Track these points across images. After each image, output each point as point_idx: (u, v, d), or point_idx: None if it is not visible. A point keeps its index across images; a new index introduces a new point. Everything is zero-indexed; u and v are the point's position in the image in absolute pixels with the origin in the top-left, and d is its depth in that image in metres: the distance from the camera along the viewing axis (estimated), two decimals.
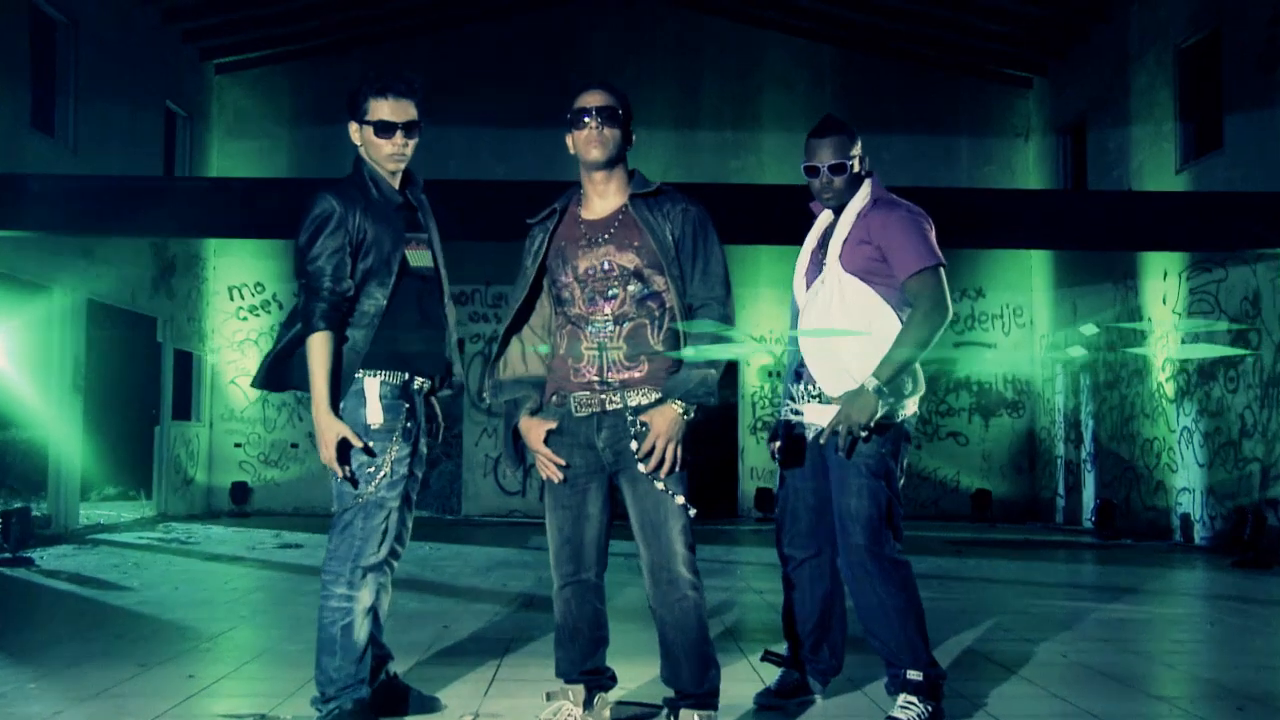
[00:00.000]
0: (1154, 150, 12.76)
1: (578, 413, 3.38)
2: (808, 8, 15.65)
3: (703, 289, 3.38)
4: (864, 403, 3.54)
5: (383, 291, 3.52)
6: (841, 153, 3.72)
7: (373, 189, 3.59)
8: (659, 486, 3.31)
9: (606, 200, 3.46)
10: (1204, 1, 11.76)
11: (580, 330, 3.39)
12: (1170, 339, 12.44)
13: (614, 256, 3.38)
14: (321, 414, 3.41)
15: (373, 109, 3.55)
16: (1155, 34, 12.75)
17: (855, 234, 3.70)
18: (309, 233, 3.48)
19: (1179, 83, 12.33)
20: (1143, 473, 13.07)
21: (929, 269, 3.62)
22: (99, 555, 9.41)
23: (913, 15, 14.90)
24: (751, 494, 15.84)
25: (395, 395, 3.51)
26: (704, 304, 3.37)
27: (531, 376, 3.52)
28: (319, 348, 3.42)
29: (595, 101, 3.38)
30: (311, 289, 3.46)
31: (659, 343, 3.37)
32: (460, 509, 16.03)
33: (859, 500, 3.63)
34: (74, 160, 11.73)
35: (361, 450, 3.45)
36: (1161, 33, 12.60)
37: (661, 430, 3.27)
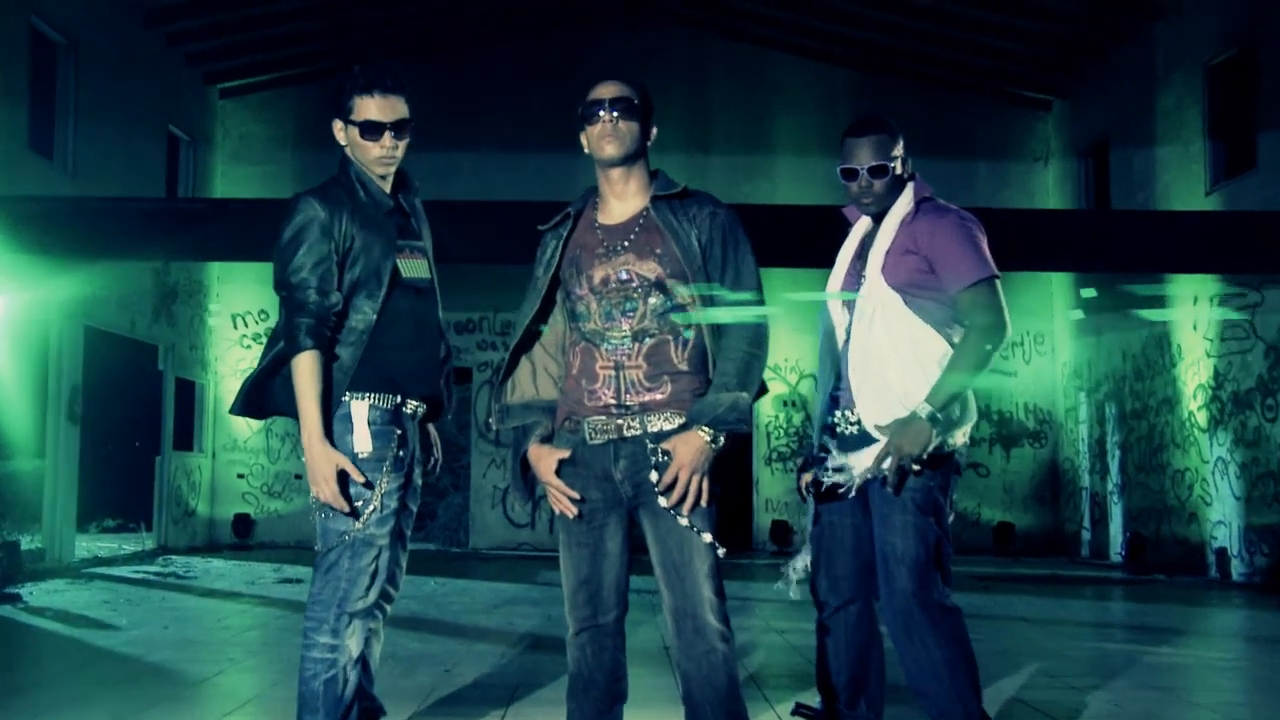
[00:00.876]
0: (1182, 171, 12.39)
1: (593, 440, 3.01)
2: (820, 29, 15.37)
3: None
4: (916, 432, 3.17)
5: (372, 305, 3.17)
6: (882, 153, 3.36)
7: (360, 191, 3.24)
8: (682, 523, 2.94)
9: (625, 203, 3.11)
10: (1235, 18, 11.43)
11: (595, 348, 3.03)
12: (1202, 366, 12.03)
13: (634, 265, 3.02)
14: (315, 444, 3.06)
15: (358, 107, 3.21)
16: (1182, 52, 12.41)
17: (899, 243, 3.34)
18: (290, 240, 3.14)
19: (1208, 101, 11.98)
20: (1174, 505, 12.63)
21: (984, 282, 3.26)
22: (91, 591, 9.03)
23: (928, 36, 14.61)
24: (766, 527, 15.42)
25: (386, 420, 3.15)
26: None
27: (542, 400, 3.16)
28: (307, 369, 3.06)
29: (609, 93, 3.04)
30: (294, 303, 3.10)
31: (683, 362, 3.00)
32: (468, 542, 15.64)
33: (905, 540, 3.25)
34: (72, 184, 11.45)
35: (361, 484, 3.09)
36: (1188, 51, 12.27)
37: (685, 460, 2.90)
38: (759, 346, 2.99)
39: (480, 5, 15.27)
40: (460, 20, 15.48)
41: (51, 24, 11.28)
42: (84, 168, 11.71)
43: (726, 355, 2.97)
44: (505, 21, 15.69)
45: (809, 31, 15.49)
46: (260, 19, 13.85)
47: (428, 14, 15.00)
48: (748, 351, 2.97)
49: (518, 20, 15.69)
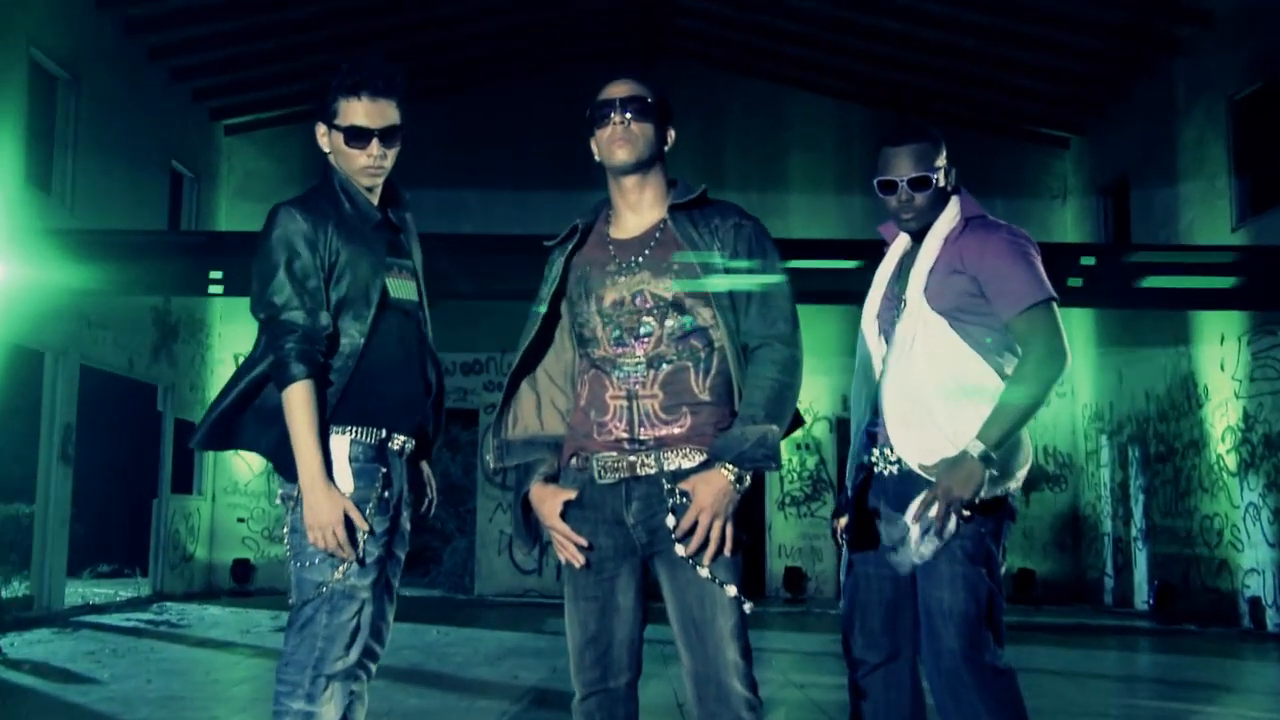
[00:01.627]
0: (1206, 207, 12.08)
1: (602, 479, 2.66)
2: (835, 66, 15.16)
3: (761, 324, 2.67)
4: (968, 473, 2.81)
5: (359, 328, 2.83)
6: (924, 163, 3.03)
7: (345, 202, 2.91)
8: (703, 574, 2.58)
9: (640, 214, 2.78)
10: (1258, 51, 11.16)
11: (606, 376, 2.69)
12: (1230, 408, 11.64)
13: (649, 284, 2.69)
14: (319, 486, 2.70)
15: (344, 111, 2.88)
16: (1204, 86, 12.14)
17: (944, 263, 3.00)
18: (270, 256, 2.81)
19: (1232, 136, 11.68)
20: (1202, 552, 12.19)
21: (1039, 305, 2.92)
22: (76, 640, 8.65)
23: (944, 73, 14.38)
24: (780, 573, 15.00)
25: (369, 457, 2.81)
26: (763, 343, 2.66)
27: (547, 435, 2.81)
28: (301, 401, 2.71)
29: (621, 91, 2.72)
30: (280, 326, 2.76)
31: (705, 391, 2.66)
32: (473, 588, 15.21)
33: (953, 593, 2.89)
34: (71, 218, 11.19)
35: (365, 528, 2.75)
36: (1211, 85, 11.99)
37: (706, 503, 2.56)
38: (791, 374, 2.65)
39: (492, 42, 15.11)
40: (471, 56, 15.31)
41: (53, 57, 11.07)
42: (82, 203, 11.46)
43: (754, 384, 2.63)
44: (517, 57, 15.52)
45: (824, 68, 15.29)
46: (267, 55, 13.66)
47: (438, 50, 14.82)
48: (778, 379, 2.62)
49: (530, 56, 15.53)
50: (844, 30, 14.09)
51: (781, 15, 14.21)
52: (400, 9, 13.45)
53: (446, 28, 14.36)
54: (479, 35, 14.84)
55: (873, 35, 13.96)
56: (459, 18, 14.18)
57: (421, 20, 13.86)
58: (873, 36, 13.99)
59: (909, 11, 13.08)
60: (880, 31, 13.80)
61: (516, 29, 14.96)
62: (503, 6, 14.20)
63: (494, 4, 14.02)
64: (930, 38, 13.60)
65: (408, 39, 14.17)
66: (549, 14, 14.65)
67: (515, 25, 14.83)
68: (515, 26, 14.87)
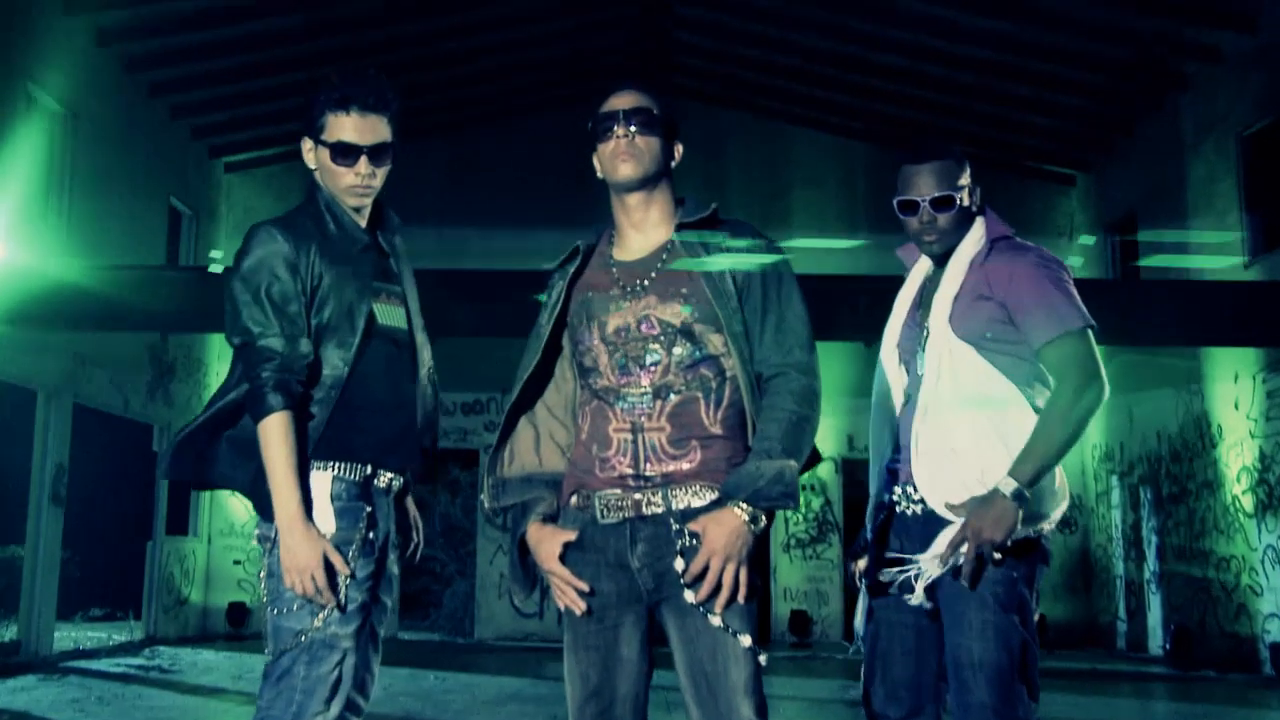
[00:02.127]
0: (1217, 245, 11.91)
1: (605, 519, 2.46)
2: (838, 103, 15.08)
3: (776, 352, 2.48)
4: (999, 514, 2.61)
5: (343, 356, 2.64)
6: (948, 181, 2.85)
7: (330, 222, 2.74)
8: (715, 622, 2.38)
9: (646, 234, 2.60)
10: (1268, 87, 11.04)
11: (609, 407, 2.50)
12: (1246, 448, 11.41)
13: (655, 310, 2.50)
14: (297, 527, 2.51)
15: (330, 126, 2.72)
16: (1212, 122, 12.01)
17: (970, 288, 2.81)
18: (247, 278, 2.62)
19: (1243, 172, 11.54)
20: (1219, 595, 11.91)
21: (1074, 333, 2.73)
22: (62, 687, 8.40)
23: (949, 110, 14.28)
24: (785, 617, 14.73)
25: (353, 495, 2.61)
26: (778, 372, 2.47)
27: (546, 472, 2.62)
28: (278, 434, 2.52)
29: (625, 103, 2.55)
30: (257, 353, 2.57)
31: (716, 424, 2.46)
32: (473, 632, 14.93)
33: (983, 643, 2.67)
34: (65, 255, 11.02)
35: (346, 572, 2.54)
36: (1220, 121, 11.87)
37: (718, 545, 2.36)
38: (810, 406, 2.45)
39: (493, 79, 15.05)
40: (472, 94, 15.25)
41: (50, 93, 10.97)
42: (79, 240, 11.31)
43: (769, 416, 2.43)
44: (518, 95, 15.45)
45: (827, 105, 15.20)
46: (267, 93, 13.57)
47: (438, 88, 14.75)
48: (795, 411, 2.43)
49: (531, 94, 15.46)
50: (848, 66, 14.01)
51: (784, 52, 14.14)
52: (401, 46, 13.39)
53: (447, 65, 14.30)
54: (479, 73, 14.78)
55: (877, 71, 13.88)
56: (460, 55, 14.12)
57: (422, 57, 13.80)
58: (877, 72, 13.91)
59: (913, 47, 13.00)
60: (884, 67, 13.72)
61: (517, 66, 14.90)
62: (503, 45, 14.14)
63: (494, 42, 13.97)
64: (935, 73, 13.51)
65: (408, 76, 14.09)
66: (550, 52, 14.59)
67: (516, 63, 14.77)
68: (516, 64, 14.82)
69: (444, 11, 12.94)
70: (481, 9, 12.94)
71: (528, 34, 13.99)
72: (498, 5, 12.93)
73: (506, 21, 13.42)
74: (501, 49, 14.22)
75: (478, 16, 13.10)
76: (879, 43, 13.16)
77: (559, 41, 14.37)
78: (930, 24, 12.41)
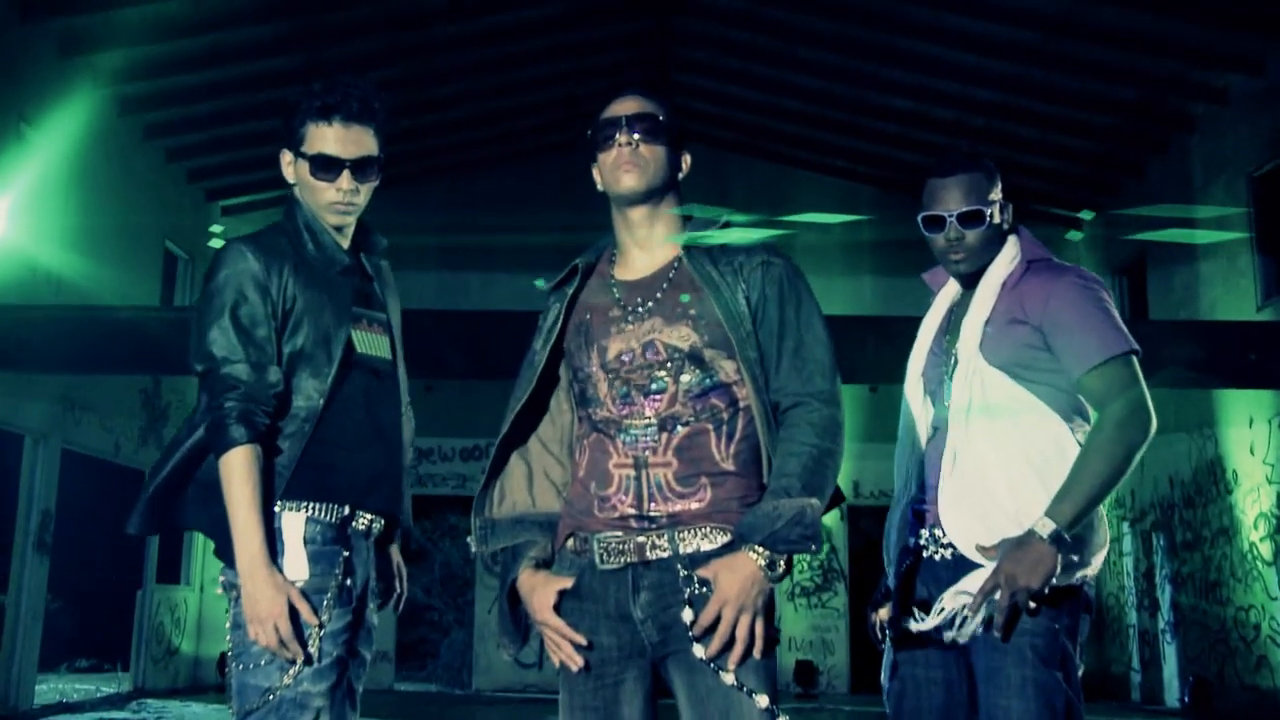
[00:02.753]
0: (1229, 286, 11.72)
1: (604, 564, 2.23)
2: (842, 146, 14.96)
3: (795, 380, 2.25)
4: (1036, 558, 2.37)
5: (318, 386, 2.41)
6: (977, 196, 2.64)
7: (308, 242, 2.53)
8: (727, 680, 2.13)
9: (650, 252, 2.38)
10: (1277, 127, 10.89)
11: (610, 440, 2.27)
12: (1262, 493, 11.14)
13: (661, 333, 2.28)
14: (260, 572, 2.29)
15: (311, 137, 2.51)
16: (1221, 163, 11.87)
17: (1002, 311, 2.59)
18: (215, 300, 2.41)
19: (1254, 213, 11.37)
20: (1238, 646, 11.58)
21: (1117, 359, 2.50)
22: None
23: None
24: (790, 668, 14.37)
25: (328, 539, 2.37)
26: (798, 401, 2.24)
27: (539, 513, 2.39)
28: (241, 470, 2.30)
29: (628, 109, 2.34)
30: (220, 381, 2.36)
31: (728, 459, 2.23)
32: (471, 683, 14.59)
33: (1024, 702, 2.42)
34: (56, 299, 10.83)
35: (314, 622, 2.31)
36: (1229, 162, 11.72)
37: (731, 593, 2.12)
38: (833, 439, 2.21)
39: (493, 123, 14.95)
40: (472, 138, 15.14)
41: (43, 134, 10.81)
42: (70, 284, 11.11)
43: (788, 450, 2.20)
44: (519, 139, 15.35)
45: (831, 148, 15.09)
46: (264, 136, 13.42)
47: (438, 131, 14.64)
48: (816, 445, 2.20)
49: (532, 137, 15.36)
50: (852, 109, 13.91)
51: (788, 94, 14.04)
52: (399, 88, 13.27)
53: (446, 108, 14.20)
54: (479, 117, 14.69)
55: (883, 114, 13.77)
56: (459, 98, 14.03)
57: (421, 101, 13.69)
58: (883, 115, 13.79)
59: (920, 89, 12.89)
60: (890, 110, 13.61)
61: (518, 111, 14.81)
62: (503, 88, 14.06)
63: (494, 85, 13.88)
64: (940, 116, 13.39)
65: (408, 119, 13.99)
66: (549, 94, 14.50)
67: (517, 107, 14.68)
68: (517, 108, 14.73)
69: (442, 54, 12.85)
70: (480, 51, 12.85)
71: (527, 76, 13.90)
72: (496, 48, 12.84)
73: (505, 64, 13.34)
74: (502, 92, 14.13)
75: (476, 58, 13.01)
76: (885, 85, 13.06)
77: (558, 85, 14.29)
78: (937, 66, 12.31)
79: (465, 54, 12.89)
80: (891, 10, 11.70)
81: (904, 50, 12.27)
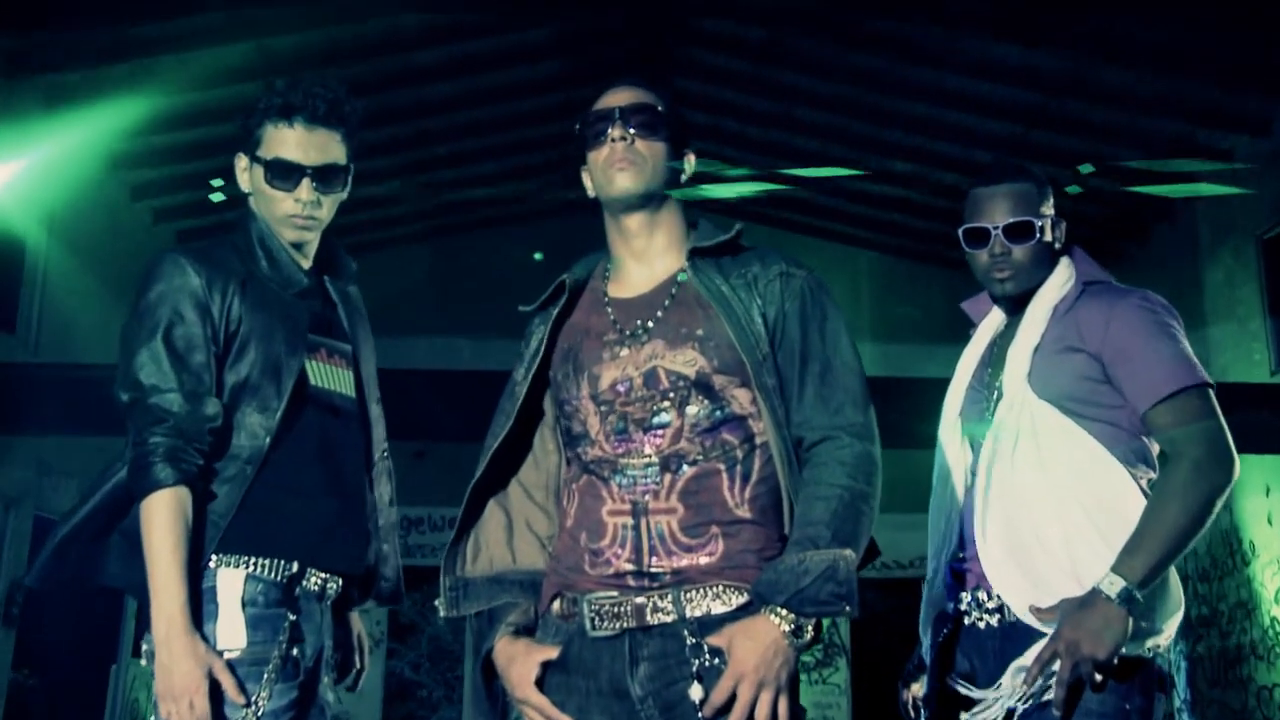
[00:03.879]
0: (1241, 351, 11.43)
1: (597, 630, 1.87)
2: (841, 210, 14.77)
3: (821, 411, 1.91)
4: (1102, 621, 2.02)
5: (264, 422, 2.08)
6: (1026, 207, 2.33)
7: (261, 258, 2.20)
8: None
9: (649, 265, 2.06)
10: None
11: (603, 484, 1.92)
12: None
13: (663, 359, 1.94)
14: (178, 637, 1.95)
15: (269, 139, 2.21)
16: (1229, 227, 11.66)
17: (1054, 337, 2.27)
18: (146, 319, 2.09)
19: (1265, 276, 11.12)
20: None
21: (1190, 391, 2.17)
22: None
23: (955, 216, 13.88)
24: None
25: (271, 600, 2.03)
26: (826, 436, 1.90)
27: (521, 570, 2.04)
28: (164, 514, 1.97)
29: (622, 99, 2.04)
30: (147, 412, 2.03)
31: (743, 504, 1.89)
32: None
33: None
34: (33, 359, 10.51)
35: (240, 700, 1.95)
36: (1237, 225, 11.52)
37: (749, 666, 1.77)
38: (868, 479, 1.87)
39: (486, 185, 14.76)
40: (464, 200, 14.94)
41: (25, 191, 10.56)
42: (49, 343, 10.79)
43: (815, 494, 1.85)
44: (513, 201, 15.16)
45: (829, 213, 14.90)
46: None
47: (428, 192, 14.44)
48: (849, 487, 1.85)
49: (525, 200, 15.16)
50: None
51: (785, 157, 13.87)
52: (390, 151, 13.11)
53: (438, 169, 14.03)
54: (472, 178, 14.51)
55: (881, 177, 13.59)
56: (451, 159, 13.86)
57: (413, 163, 13.51)
58: (883, 178, 13.62)
59: (921, 151, 12.72)
60: (889, 173, 13.42)
61: (512, 172, 14.65)
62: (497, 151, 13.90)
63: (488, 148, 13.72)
64: (941, 180, 13.20)
65: (399, 179, 13.83)
66: (546, 156, 14.33)
67: (511, 168, 14.51)
68: (510, 170, 14.56)
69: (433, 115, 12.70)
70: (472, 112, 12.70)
71: (519, 138, 13.75)
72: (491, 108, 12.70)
73: (500, 125, 13.19)
74: (496, 154, 13.97)
75: (469, 119, 12.86)
76: (885, 147, 12.89)
77: (553, 147, 14.13)
78: (938, 128, 12.14)
79: (459, 114, 12.74)
80: (891, 71, 11.55)
81: (904, 112, 12.11)
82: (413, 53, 11.15)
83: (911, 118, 12.22)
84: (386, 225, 14.81)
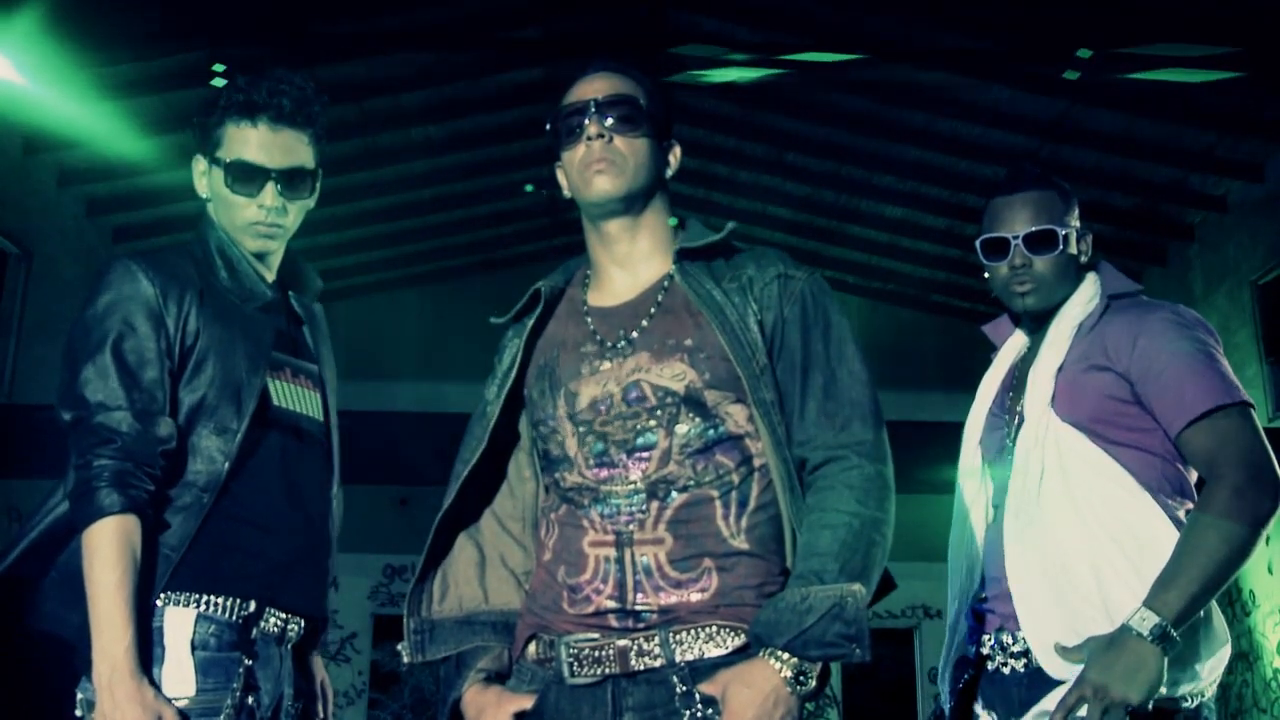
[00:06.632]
0: None
1: (576, 677, 1.67)
2: (833, 257, 14.66)
3: (826, 428, 1.72)
4: (1134, 661, 1.82)
5: (222, 446, 1.88)
6: (1049, 215, 2.17)
7: (220, 268, 2.01)
8: None
9: (633, 271, 1.87)
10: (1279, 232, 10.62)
11: (583, 513, 1.72)
12: None
13: (648, 372, 1.75)
14: (121, 683, 1.76)
15: (230, 140, 2.03)
16: (1223, 272, 11.57)
17: (1078, 356, 2.08)
18: (93, 331, 1.89)
19: (1261, 321, 11.01)
20: None
21: (1229, 410, 1.99)
22: None
23: (948, 263, 13.84)
24: None
25: (225, 643, 1.83)
26: (831, 457, 1.70)
27: (493, 610, 1.84)
28: (109, 545, 1.78)
29: (597, 90, 1.84)
30: (93, 432, 1.84)
31: (739, 535, 1.69)
32: None
33: None
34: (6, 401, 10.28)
35: None
36: (1231, 270, 11.43)
37: (745, 717, 1.57)
38: (879, 504, 1.67)
39: (474, 229, 14.65)
40: (452, 244, 14.82)
41: (4, 232, 10.39)
42: (23, 386, 10.56)
43: (820, 521, 1.65)
44: (500, 245, 15.03)
45: (822, 260, 14.79)
46: None
47: (417, 236, 14.32)
48: (858, 513, 1.66)
49: (513, 242, 15.04)
50: (841, 217, 13.64)
51: (775, 201, 13.79)
52: (377, 193, 12.99)
53: (425, 213, 13.91)
54: (460, 222, 14.40)
55: (871, 221, 13.51)
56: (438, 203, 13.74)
57: (401, 205, 13.39)
58: (871, 223, 13.53)
59: (913, 196, 12.64)
60: (879, 218, 13.35)
61: (501, 217, 14.54)
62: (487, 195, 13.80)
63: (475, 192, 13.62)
64: (932, 225, 13.12)
65: (386, 223, 13.72)
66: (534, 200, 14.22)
67: (500, 213, 14.41)
68: (500, 214, 14.45)
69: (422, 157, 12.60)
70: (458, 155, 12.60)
71: (508, 181, 13.65)
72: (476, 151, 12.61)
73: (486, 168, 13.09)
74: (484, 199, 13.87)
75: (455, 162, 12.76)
76: (875, 191, 12.80)
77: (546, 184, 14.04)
78: (930, 172, 12.07)
79: (445, 157, 12.64)
80: (883, 114, 11.50)
81: (895, 156, 12.04)
82: (400, 94, 11.06)
83: (903, 161, 12.16)
84: (372, 269, 14.67)
